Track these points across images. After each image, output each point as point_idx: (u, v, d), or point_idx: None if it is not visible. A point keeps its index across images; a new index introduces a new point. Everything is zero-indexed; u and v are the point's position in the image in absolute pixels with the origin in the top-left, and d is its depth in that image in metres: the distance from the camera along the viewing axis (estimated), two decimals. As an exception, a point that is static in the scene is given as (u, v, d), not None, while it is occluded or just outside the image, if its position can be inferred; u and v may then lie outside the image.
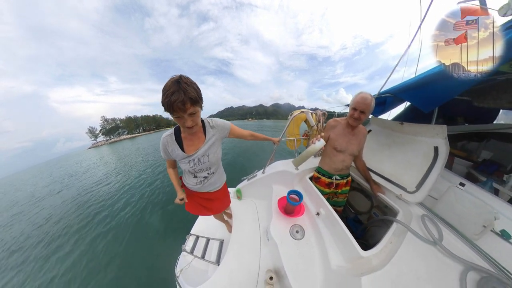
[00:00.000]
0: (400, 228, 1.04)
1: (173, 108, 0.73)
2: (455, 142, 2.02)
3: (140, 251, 3.71)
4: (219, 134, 1.09)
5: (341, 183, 1.43)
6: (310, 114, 1.79)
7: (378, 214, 1.50)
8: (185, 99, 0.73)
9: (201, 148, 1.02)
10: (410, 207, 1.15)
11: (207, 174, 1.13)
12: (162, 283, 2.81)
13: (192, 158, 1.01)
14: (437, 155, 1.18)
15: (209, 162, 1.07)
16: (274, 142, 1.53)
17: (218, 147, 1.11)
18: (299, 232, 1.19)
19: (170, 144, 0.99)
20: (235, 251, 1.26)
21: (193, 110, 0.79)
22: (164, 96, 0.73)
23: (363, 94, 1.14)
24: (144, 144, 30.57)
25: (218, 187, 1.27)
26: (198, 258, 1.30)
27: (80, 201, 7.72)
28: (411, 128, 1.38)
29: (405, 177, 1.27)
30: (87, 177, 12.31)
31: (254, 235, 1.39)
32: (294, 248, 1.07)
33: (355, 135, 1.33)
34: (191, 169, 1.06)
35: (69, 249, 4.46)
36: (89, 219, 5.78)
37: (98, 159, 22.61)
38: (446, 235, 0.93)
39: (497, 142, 1.76)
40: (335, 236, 1.07)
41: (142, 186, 7.81)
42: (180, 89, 0.72)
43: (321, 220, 1.19)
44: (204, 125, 1.05)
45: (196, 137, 1.03)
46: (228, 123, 1.15)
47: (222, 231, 1.75)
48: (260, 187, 1.79)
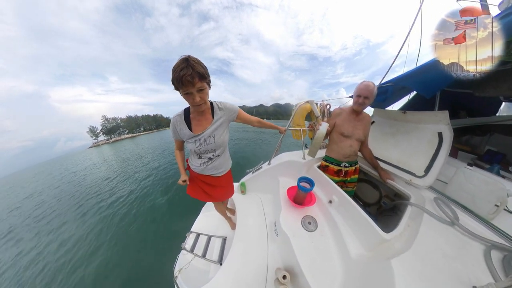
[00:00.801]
0: (415, 212, 1.02)
1: (182, 82, 0.77)
2: (459, 137, 2.04)
3: (135, 250, 3.56)
4: (227, 116, 1.09)
5: (350, 171, 1.43)
6: (314, 105, 1.81)
7: (388, 203, 1.50)
8: (193, 74, 0.77)
9: (208, 128, 1.03)
10: (421, 192, 1.15)
11: (212, 156, 1.13)
12: (159, 285, 2.63)
13: (198, 137, 1.03)
14: (442, 140, 1.21)
15: (214, 143, 1.06)
16: (281, 131, 1.51)
17: (225, 129, 1.11)
18: (312, 223, 1.13)
19: (179, 124, 1.02)
20: (240, 249, 1.16)
21: (201, 85, 0.82)
22: (174, 73, 0.77)
23: (365, 82, 1.25)
24: (145, 144, 29.28)
25: (222, 172, 1.23)
26: (199, 257, 1.21)
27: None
28: (414, 116, 1.42)
29: (412, 163, 1.29)
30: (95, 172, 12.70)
31: (260, 231, 1.31)
32: (308, 241, 1.00)
33: (360, 121, 1.39)
34: (197, 149, 1.07)
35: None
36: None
37: (100, 159, 21.86)
38: (461, 216, 0.92)
39: (501, 136, 1.81)
40: (351, 223, 1.03)
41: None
42: (188, 65, 0.76)
43: (334, 208, 1.15)
44: (212, 106, 1.06)
45: (204, 117, 1.04)
46: (237, 107, 1.15)
47: (224, 228, 1.65)
48: (265, 180, 1.74)
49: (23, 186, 15.14)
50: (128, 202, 5.95)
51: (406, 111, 1.47)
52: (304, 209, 1.21)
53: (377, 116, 1.78)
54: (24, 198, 10.44)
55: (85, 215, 5.85)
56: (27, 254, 4.56)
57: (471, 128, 1.98)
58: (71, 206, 6.98)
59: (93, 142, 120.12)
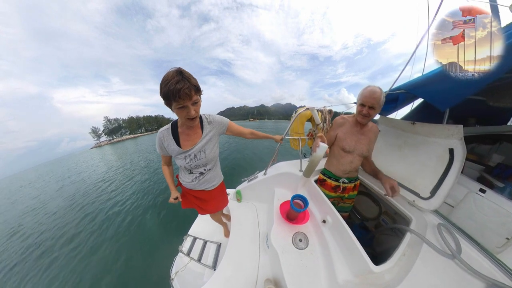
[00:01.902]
0: (414, 239, 0.96)
1: (179, 95, 0.73)
2: (465, 144, 1.84)
3: (138, 250, 3.71)
4: (216, 130, 1.07)
5: (348, 187, 1.34)
6: (315, 112, 1.70)
7: (387, 221, 1.41)
8: (190, 86, 0.75)
9: (198, 143, 1.00)
10: (424, 215, 1.06)
11: (204, 170, 1.11)
12: (156, 285, 2.76)
13: (188, 153, 1.00)
14: (453, 157, 1.09)
15: (205, 158, 1.04)
16: (277, 140, 1.45)
17: (216, 143, 1.09)
18: (303, 240, 1.11)
19: (166, 139, 0.98)
20: (232, 257, 1.19)
21: (196, 98, 0.81)
22: (166, 86, 0.72)
23: (371, 88, 1.05)
24: (146, 144, 30.74)
25: (215, 185, 1.22)
26: (195, 261, 1.25)
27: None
28: (424, 128, 1.28)
29: (418, 182, 1.18)
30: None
31: (253, 240, 1.33)
32: (296, 258, 1.00)
33: (365, 134, 1.23)
34: (187, 165, 1.04)
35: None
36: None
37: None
38: (465, 247, 0.84)
39: (511, 145, 1.63)
40: (342, 247, 0.99)
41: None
42: (184, 78, 0.74)
43: (327, 228, 1.11)
44: (201, 120, 1.03)
45: (193, 132, 1.01)
46: (226, 119, 1.12)
47: (220, 234, 1.70)
48: (261, 190, 1.72)
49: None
50: (135, 200, 6.21)
51: (415, 122, 1.33)
52: (297, 226, 1.19)
53: (383, 124, 1.64)
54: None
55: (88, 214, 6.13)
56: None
57: (479, 136, 1.79)
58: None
59: (95, 143, 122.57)
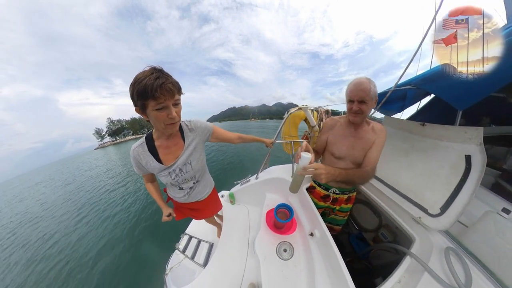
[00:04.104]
0: (415, 263, 0.81)
1: (160, 91, 0.62)
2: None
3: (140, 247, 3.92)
4: (200, 137, 0.97)
5: (340, 199, 1.20)
6: (309, 112, 1.56)
7: (387, 236, 1.23)
8: (174, 82, 0.67)
9: (181, 156, 0.90)
10: (431, 235, 0.89)
11: (193, 184, 1.04)
12: (150, 279, 2.91)
13: (172, 169, 0.90)
14: (470, 166, 0.89)
15: (192, 170, 0.96)
16: (267, 144, 1.37)
17: (201, 151, 1.00)
18: (287, 251, 1.06)
19: (143, 156, 0.86)
20: (221, 258, 1.21)
21: (178, 99, 0.71)
22: (142, 82, 0.60)
23: (356, 80, 0.91)
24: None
25: (207, 193, 1.19)
26: (188, 258, 1.30)
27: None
28: (435, 130, 1.08)
29: (426, 195, 1.00)
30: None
31: (243, 243, 1.32)
32: (278, 268, 0.96)
33: (361, 137, 1.02)
34: (174, 182, 0.95)
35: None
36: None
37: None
38: (476, 278, 0.69)
39: None
40: (328, 266, 0.90)
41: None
42: (163, 74, 0.65)
43: (314, 242, 1.02)
44: (181, 128, 0.92)
45: (173, 143, 0.89)
46: (210, 124, 1.02)
47: (214, 234, 1.73)
48: (253, 194, 1.70)
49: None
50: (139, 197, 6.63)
51: (425, 123, 1.14)
52: (283, 235, 1.14)
53: (387, 125, 1.43)
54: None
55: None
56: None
57: (494, 137, 1.53)
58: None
59: (99, 144, 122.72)
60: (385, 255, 1.17)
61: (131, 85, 0.64)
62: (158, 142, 0.87)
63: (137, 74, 0.64)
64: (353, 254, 1.37)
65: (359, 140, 1.04)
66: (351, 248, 1.45)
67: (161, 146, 0.87)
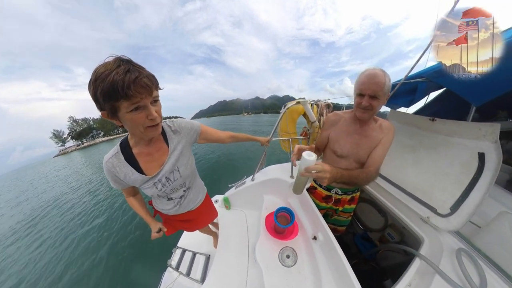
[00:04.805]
0: (425, 265, 0.78)
1: (134, 88, 0.49)
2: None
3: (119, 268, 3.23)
4: (186, 139, 0.85)
5: (343, 199, 1.14)
6: (308, 106, 1.44)
7: (394, 236, 1.21)
8: (149, 75, 0.54)
9: (166, 162, 0.78)
10: (441, 236, 0.86)
11: (184, 192, 0.92)
12: None
13: (157, 179, 0.77)
14: (483, 165, 0.85)
15: (181, 177, 0.85)
16: (262, 143, 1.27)
17: (189, 155, 0.89)
18: (291, 257, 0.99)
19: (120, 168, 0.71)
20: (220, 271, 1.12)
21: (157, 95, 0.58)
22: (108, 79, 0.46)
23: (370, 71, 0.79)
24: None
25: (200, 200, 1.08)
26: (184, 275, 1.18)
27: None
28: (446, 126, 1.03)
29: (435, 194, 0.96)
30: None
31: (242, 252, 1.23)
32: (282, 276, 0.90)
33: (367, 135, 0.93)
34: (161, 193, 0.83)
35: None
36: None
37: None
38: (491, 281, 0.67)
39: None
40: (334, 270, 0.85)
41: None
42: (134, 67, 0.51)
43: (318, 246, 0.97)
44: (163, 131, 0.79)
45: (155, 149, 0.76)
46: (197, 123, 0.90)
47: (210, 244, 1.60)
48: (249, 197, 1.59)
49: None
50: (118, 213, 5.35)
51: (435, 118, 1.09)
52: (284, 241, 1.07)
53: (393, 120, 1.38)
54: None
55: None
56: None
57: (511, 131, 1.49)
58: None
59: (60, 150, 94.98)
60: (393, 256, 1.15)
61: (92, 83, 0.49)
62: (137, 149, 0.73)
63: (96, 67, 0.49)
64: (359, 255, 1.34)
65: (364, 138, 0.94)
66: (357, 249, 1.43)
67: (141, 154, 0.73)
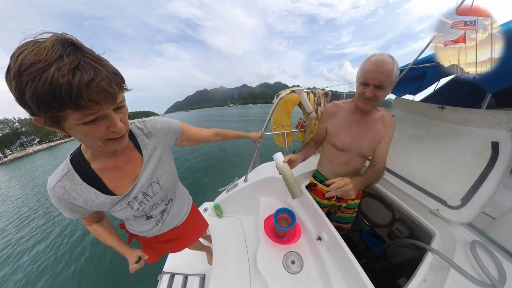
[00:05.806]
0: (438, 260, 0.75)
1: (89, 96, 0.33)
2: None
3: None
4: (164, 142, 0.67)
5: None
6: (304, 95, 1.30)
7: (403, 230, 1.19)
8: (110, 74, 0.36)
9: (141, 175, 0.61)
10: (452, 229, 0.83)
11: (165, 206, 0.75)
12: None
13: (131, 197, 0.60)
14: (497, 154, 0.81)
15: (162, 190, 0.68)
16: (254, 139, 1.13)
17: (170, 161, 0.71)
18: (296, 262, 0.92)
19: (77, 193, 0.52)
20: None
21: (122, 98, 0.42)
22: (44, 77, 0.29)
23: (377, 57, 0.70)
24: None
25: (186, 213, 0.90)
26: None
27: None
28: (457, 114, 0.98)
29: (444, 185, 0.92)
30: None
31: (242, 264, 1.09)
32: (289, 285, 0.83)
33: (369, 126, 0.87)
34: (138, 213, 0.65)
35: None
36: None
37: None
38: (510, 273, 0.64)
39: None
40: (343, 271, 0.79)
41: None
42: (86, 60, 0.33)
43: (323, 246, 0.90)
44: (132, 135, 0.61)
45: (124, 160, 0.58)
46: (176, 122, 0.73)
47: (203, 262, 1.37)
48: (244, 200, 1.43)
49: None
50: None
51: (444, 106, 1.03)
52: (287, 245, 0.99)
53: (398, 108, 1.31)
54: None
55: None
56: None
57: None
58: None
59: None
60: (404, 251, 1.12)
61: (13, 77, 0.31)
62: (97, 163, 0.54)
63: (19, 51, 0.31)
64: (369, 253, 1.31)
65: (366, 128, 0.88)
66: (365, 247, 1.38)
67: (104, 169, 0.55)
